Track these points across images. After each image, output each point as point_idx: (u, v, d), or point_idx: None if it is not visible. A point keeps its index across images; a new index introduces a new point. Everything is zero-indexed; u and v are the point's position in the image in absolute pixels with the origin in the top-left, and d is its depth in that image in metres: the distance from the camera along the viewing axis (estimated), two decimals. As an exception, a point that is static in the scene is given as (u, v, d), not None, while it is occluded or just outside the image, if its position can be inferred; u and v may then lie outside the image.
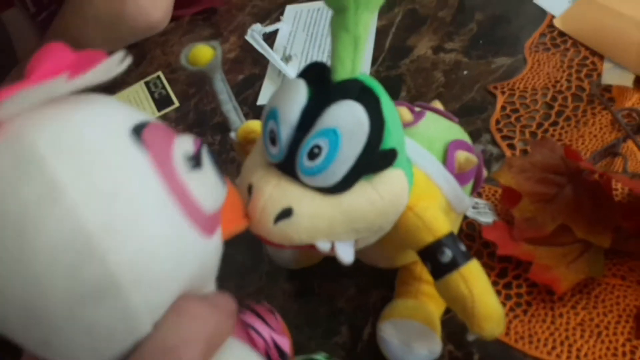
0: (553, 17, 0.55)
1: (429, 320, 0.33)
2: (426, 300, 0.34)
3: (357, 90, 0.25)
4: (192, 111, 0.60)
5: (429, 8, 0.61)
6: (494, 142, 0.46)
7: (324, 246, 0.27)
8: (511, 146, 0.45)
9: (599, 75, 0.48)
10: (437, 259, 0.29)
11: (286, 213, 0.26)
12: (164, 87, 0.65)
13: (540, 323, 0.35)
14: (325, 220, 0.26)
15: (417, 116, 0.34)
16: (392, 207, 0.27)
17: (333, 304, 0.39)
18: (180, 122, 0.59)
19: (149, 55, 0.69)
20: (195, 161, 0.21)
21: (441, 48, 0.56)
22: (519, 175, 0.39)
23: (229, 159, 0.53)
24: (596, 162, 0.42)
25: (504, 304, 0.36)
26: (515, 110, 0.48)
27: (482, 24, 0.57)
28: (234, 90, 0.38)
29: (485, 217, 0.39)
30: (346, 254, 0.27)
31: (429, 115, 0.35)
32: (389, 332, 0.33)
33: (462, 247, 0.30)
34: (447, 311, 0.36)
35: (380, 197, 0.27)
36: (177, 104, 0.62)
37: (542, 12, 0.56)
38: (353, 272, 0.41)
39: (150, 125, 0.21)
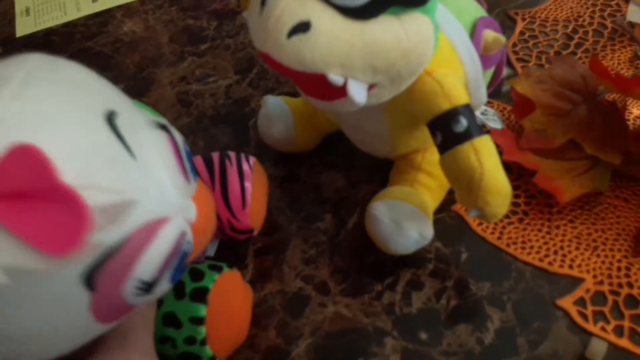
0: (583, -43, 0.53)
1: (422, 207, 0.31)
2: (422, 190, 0.32)
3: None
4: (189, -6, 0.56)
5: None
6: (508, 63, 0.44)
7: (336, 79, 0.24)
8: (525, 69, 0.43)
9: (623, 16, 0.47)
10: (451, 128, 0.27)
11: (303, 27, 0.23)
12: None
13: (535, 232, 0.33)
14: (344, 45, 0.23)
15: (448, -15, 0.31)
16: (416, 52, 0.25)
17: (319, 193, 0.37)
18: (174, 4, 0.55)
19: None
20: (145, 290, 0.19)
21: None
22: (535, 86, 0.37)
23: (222, 45, 0.49)
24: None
25: (500, 211, 0.34)
26: (534, 37, 0.46)
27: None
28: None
29: (494, 123, 0.37)
30: (359, 94, 0.24)
31: (459, -11, 0.32)
32: (381, 211, 0.30)
33: (477, 121, 0.27)
34: (438, 211, 0.34)
35: (407, 35, 0.24)
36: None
37: (572, -49, 0.53)
38: (344, 165, 0.38)
39: (116, 257, 0.17)
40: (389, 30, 0.24)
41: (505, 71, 0.40)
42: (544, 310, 0.30)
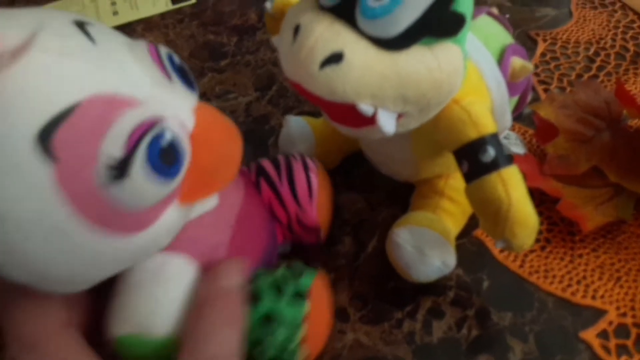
0: (604, -22, 0.52)
1: (445, 233, 0.30)
2: (445, 216, 0.32)
3: None
4: (209, 9, 0.56)
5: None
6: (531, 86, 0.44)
7: (366, 109, 0.24)
8: (547, 91, 0.43)
9: (645, 39, 0.46)
10: (477, 158, 0.26)
11: (336, 58, 0.23)
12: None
13: (557, 260, 0.33)
14: (376, 76, 0.23)
15: (476, 11, 0.31)
16: (447, 83, 0.24)
17: (339, 214, 0.37)
18: (195, 19, 0.55)
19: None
20: (118, 171, 0.18)
21: (484, -11, 0.53)
22: (559, 111, 0.36)
23: (243, 61, 0.49)
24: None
25: (522, 238, 0.34)
26: (556, 59, 0.45)
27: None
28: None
29: (516, 148, 0.37)
30: (388, 123, 0.24)
31: (486, 15, 0.32)
32: (404, 238, 0.30)
33: (505, 150, 0.27)
34: (459, 237, 0.34)
35: (439, 66, 0.24)
36: (193, 0, 0.58)
37: (594, -28, 0.53)
38: (364, 186, 0.38)
39: (70, 121, 0.17)
40: (421, 61, 0.23)
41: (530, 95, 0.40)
42: (567, 342, 0.30)
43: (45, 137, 0.17)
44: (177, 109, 0.20)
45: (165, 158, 0.19)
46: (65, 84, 0.17)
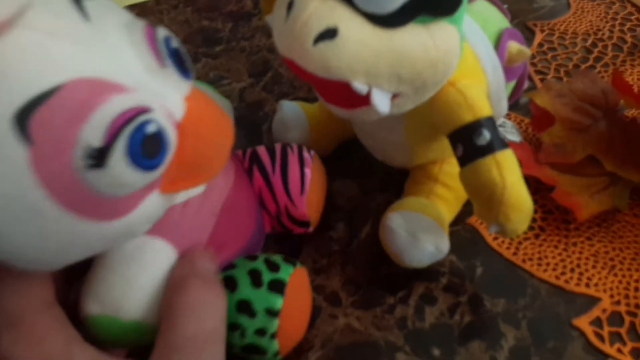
0: (602, -29, 0.52)
1: (439, 219, 0.30)
2: (438, 202, 0.32)
3: None
4: (204, -5, 0.56)
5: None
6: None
7: (360, 87, 0.23)
8: (543, 81, 0.43)
9: (643, 31, 0.46)
10: (472, 141, 0.26)
11: (330, 33, 0.22)
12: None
13: (551, 248, 0.32)
14: (371, 53, 0.23)
15: (473, -5, 0.30)
16: (442, 62, 0.24)
17: (332, 200, 0.36)
18: (189, 4, 0.54)
19: None
20: (96, 160, 0.17)
21: (482, -21, 0.53)
22: (555, 99, 0.36)
23: (237, 47, 0.49)
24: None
25: (516, 225, 0.34)
26: (553, 49, 0.45)
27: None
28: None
29: (512, 136, 0.37)
30: (382, 103, 0.24)
31: (483, 0, 0.31)
32: (397, 222, 0.30)
33: (500, 134, 0.27)
34: (453, 224, 0.33)
35: (435, 45, 0.23)
36: (189, -15, 0.57)
37: (592, -35, 0.53)
38: (358, 173, 0.38)
39: (50, 103, 0.16)
40: (416, 39, 0.23)
41: (528, 83, 0.40)
42: (560, 329, 0.29)
43: (23, 118, 0.16)
44: (167, 97, 0.19)
45: (147, 150, 0.18)
46: (48, 64, 0.16)
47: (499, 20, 0.31)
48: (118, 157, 0.17)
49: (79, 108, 0.17)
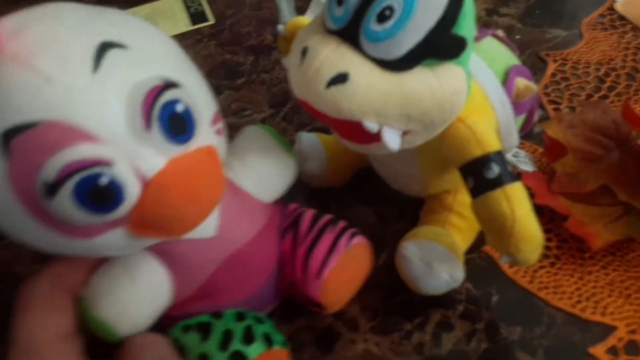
0: (614, 1, 0.53)
1: (453, 248, 0.31)
2: (453, 231, 0.33)
3: None
4: (227, 30, 0.58)
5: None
6: (540, 105, 0.44)
7: (371, 126, 0.25)
8: (557, 111, 0.43)
9: (656, 60, 0.47)
10: (482, 175, 0.27)
11: (341, 78, 0.24)
12: (200, 3, 0.63)
13: (567, 277, 0.33)
14: (380, 95, 0.24)
15: (481, 34, 0.32)
16: (450, 102, 0.25)
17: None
18: (213, 39, 0.57)
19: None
20: (47, 192, 0.20)
21: (495, 11, 0.54)
22: (567, 130, 0.37)
23: (258, 80, 0.51)
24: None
25: (530, 254, 0.34)
26: (566, 79, 0.46)
27: (540, -4, 0.56)
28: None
29: (525, 165, 0.37)
30: (393, 140, 0.25)
31: (492, 38, 0.33)
32: (412, 251, 0.31)
33: (510, 168, 0.28)
34: (469, 252, 0.34)
35: (441, 85, 0.25)
36: (212, 21, 0.60)
37: (604, -4, 0.54)
38: (375, 201, 0.39)
39: (29, 133, 0.19)
40: (423, 82, 0.25)
41: (540, 114, 0.41)
42: (576, 358, 0.30)
43: (7, 138, 0.19)
44: (140, 156, 0.21)
45: (94, 197, 0.20)
46: (34, 102, 0.19)
47: (507, 57, 0.32)
48: (64, 195, 0.20)
49: (48, 145, 0.19)
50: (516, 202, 0.27)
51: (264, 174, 0.30)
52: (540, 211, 0.37)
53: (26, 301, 0.24)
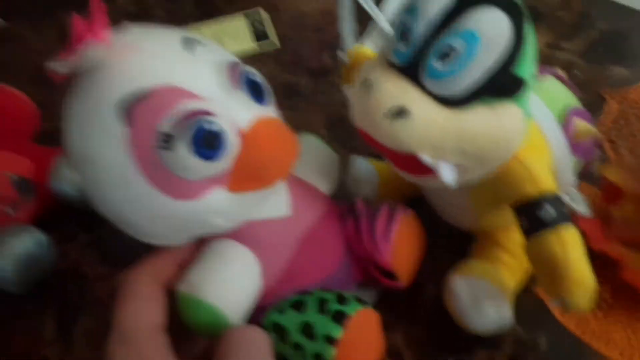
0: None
1: (502, 286, 0.31)
2: (503, 269, 0.32)
3: (505, 1, 0.24)
4: (289, 52, 0.60)
5: (549, 6, 0.58)
6: (599, 146, 0.43)
7: (428, 160, 0.26)
8: (615, 151, 0.42)
9: None
10: (536, 215, 0.27)
11: (401, 112, 0.25)
12: (262, 23, 0.65)
13: (619, 328, 0.32)
14: (437, 131, 0.25)
15: (542, 72, 0.32)
16: (505, 140, 0.26)
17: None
18: (275, 61, 0.59)
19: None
20: (167, 143, 0.23)
21: (556, 45, 0.54)
22: (627, 174, 0.36)
23: (316, 101, 0.52)
24: None
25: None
26: (625, 118, 0.45)
27: (604, 33, 0.55)
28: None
29: (578, 205, 0.37)
30: (449, 175, 0.26)
31: (552, 77, 0.33)
32: (460, 287, 0.31)
33: (565, 209, 0.28)
34: (519, 293, 0.34)
35: (498, 123, 0.25)
36: (276, 43, 0.62)
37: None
38: (425, 231, 0.39)
39: (145, 100, 0.23)
40: (481, 119, 0.25)
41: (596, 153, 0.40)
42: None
43: (128, 106, 0.23)
44: (234, 111, 0.25)
45: (207, 142, 0.23)
46: (145, 71, 0.24)
47: (567, 98, 0.32)
48: (183, 143, 0.23)
49: (163, 105, 0.23)
50: (570, 245, 0.26)
51: (317, 166, 0.34)
52: (594, 256, 0.36)
53: (128, 291, 0.26)
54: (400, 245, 0.31)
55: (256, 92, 0.26)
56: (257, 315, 0.28)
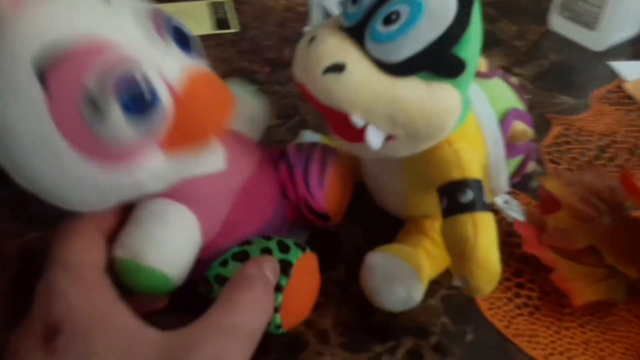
0: (624, 81, 0.55)
1: (418, 269, 0.31)
2: (423, 254, 0.32)
3: None
4: (248, 40, 0.60)
5: (507, 35, 0.61)
6: (540, 163, 0.45)
7: (357, 121, 0.26)
8: (557, 170, 0.44)
9: (658, 141, 0.48)
10: (456, 197, 0.27)
11: (339, 67, 0.25)
12: (225, 12, 0.64)
13: (544, 329, 0.32)
14: (371, 92, 0.25)
15: (492, 73, 0.33)
16: (437, 118, 0.26)
17: (337, 245, 0.37)
18: (233, 46, 0.58)
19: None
20: (92, 103, 0.21)
21: (510, 70, 0.56)
22: (564, 187, 0.37)
23: (271, 90, 0.52)
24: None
25: (511, 300, 0.34)
26: (568, 142, 0.47)
27: (554, 64, 0.57)
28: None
29: (516, 214, 0.38)
30: (374, 140, 0.26)
31: (500, 79, 0.34)
32: (376, 263, 0.30)
33: (485, 198, 0.28)
34: (450, 287, 0.34)
35: (430, 99, 0.25)
36: (235, 29, 0.61)
37: (614, 74, 0.56)
38: (365, 222, 0.39)
39: (61, 59, 0.20)
40: (414, 91, 0.25)
41: (535, 166, 0.41)
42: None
43: (41, 64, 0.20)
44: (163, 63, 0.22)
45: (136, 98, 0.21)
46: (60, 22, 0.21)
47: (511, 101, 0.33)
48: (110, 102, 0.20)
49: (84, 60, 0.20)
50: (482, 229, 0.27)
51: (247, 115, 0.33)
52: (527, 261, 0.37)
53: (68, 232, 0.24)
54: (332, 189, 0.32)
55: (183, 41, 0.24)
56: (200, 270, 0.27)
